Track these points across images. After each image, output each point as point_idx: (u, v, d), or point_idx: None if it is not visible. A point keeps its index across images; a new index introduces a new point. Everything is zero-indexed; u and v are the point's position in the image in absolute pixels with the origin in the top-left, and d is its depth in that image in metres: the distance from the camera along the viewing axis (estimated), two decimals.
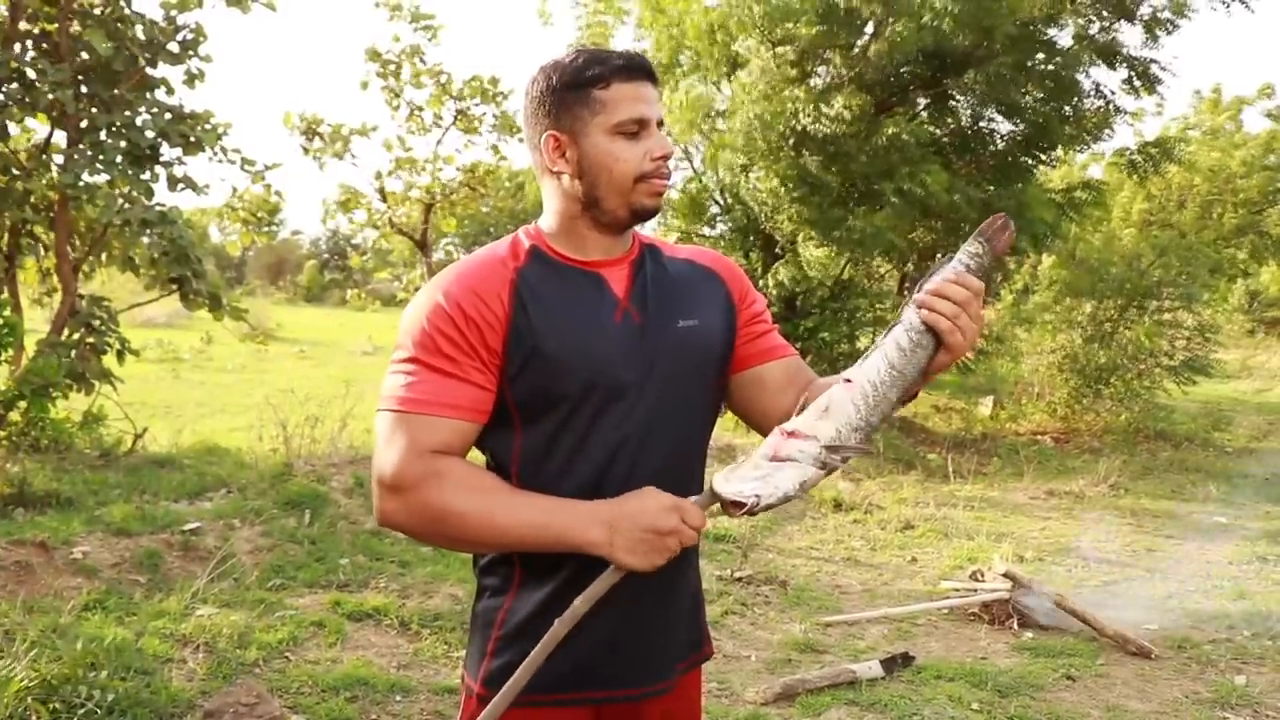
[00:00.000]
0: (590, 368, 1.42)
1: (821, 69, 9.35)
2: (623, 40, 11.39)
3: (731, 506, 1.33)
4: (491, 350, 1.40)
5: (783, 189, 8.90)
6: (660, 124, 1.46)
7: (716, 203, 10.43)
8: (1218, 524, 7.40)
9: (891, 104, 9.65)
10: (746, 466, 1.36)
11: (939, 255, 1.45)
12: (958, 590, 5.22)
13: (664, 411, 1.47)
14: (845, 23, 8.73)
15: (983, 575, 5.19)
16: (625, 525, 1.35)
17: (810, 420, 1.36)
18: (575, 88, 1.43)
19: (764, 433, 1.58)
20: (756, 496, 1.32)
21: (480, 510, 1.37)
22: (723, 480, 1.34)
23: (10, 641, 3.40)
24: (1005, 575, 5.03)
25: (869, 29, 8.99)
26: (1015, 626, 4.81)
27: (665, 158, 1.45)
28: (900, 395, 1.37)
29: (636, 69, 1.44)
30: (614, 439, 1.43)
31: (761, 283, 9.94)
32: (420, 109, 11.94)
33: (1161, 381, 11.50)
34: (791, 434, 1.35)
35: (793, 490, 1.33)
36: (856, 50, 9.00)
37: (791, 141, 8.88)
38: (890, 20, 8.53)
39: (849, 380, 1.37)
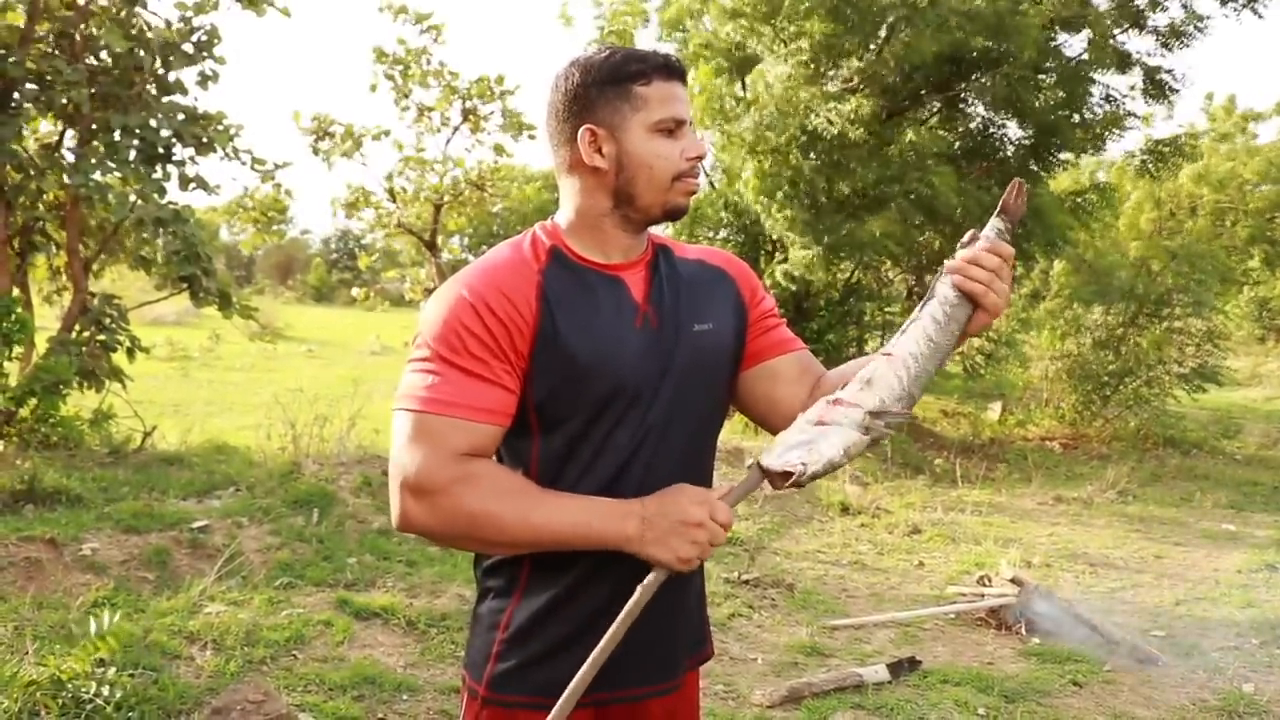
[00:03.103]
0: (615, 375, 1.41)
1: (834, 72, 9.34)
2: (643, 42, 11.41)
3: (779, 478, 1.34)
4: (519, 354, 1.38)
5: (776, 192, 8.87)
6: (690, 125, 1.47)
7: (727, 205, 10.40)
8: (1226, 532, 7.37)
9: (904, 108, 9.64)
10: (790, 433, 1.38)
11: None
12: (965, 595, 5.21)
13: (678, 414, 1.47)
14: (859, 27, 8.71)
15: (990, 580, 5.18)
16: (656, 519, 1.35)
17: (854, 391, 1.39)
18: (616, 82, 1.42)
19: (770, 427, 1.59)
20: (803, 465, 1.33)
21: (514, 513, 1.35)
22: (767, 454, 1.36)
23: (20, 637, 3.42)
24: (1012, 581, 5.02)
25: (883, 32, 8.96)
26: (1022, 632, 4.80)
27: (699, 158, 1.46)
28: (938, 365, 1.42)
29: (675, 69, 1.44)
30: (631, 443, 1.43)
31: (768, 283, 9.93)
32: (429, 109, 11.98)
33: (1171, 388, 11.46)
34: (836, 402, 1.38)
35: (837, 456, 1.35)
36: (871, 52, 8.98)
37: (802, 140, 8.86)
38: (906, 26, 8.50)
39: (889, 354, 1.41)
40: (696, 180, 1.47)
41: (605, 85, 1.42)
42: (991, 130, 9.95)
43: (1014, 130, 9.87)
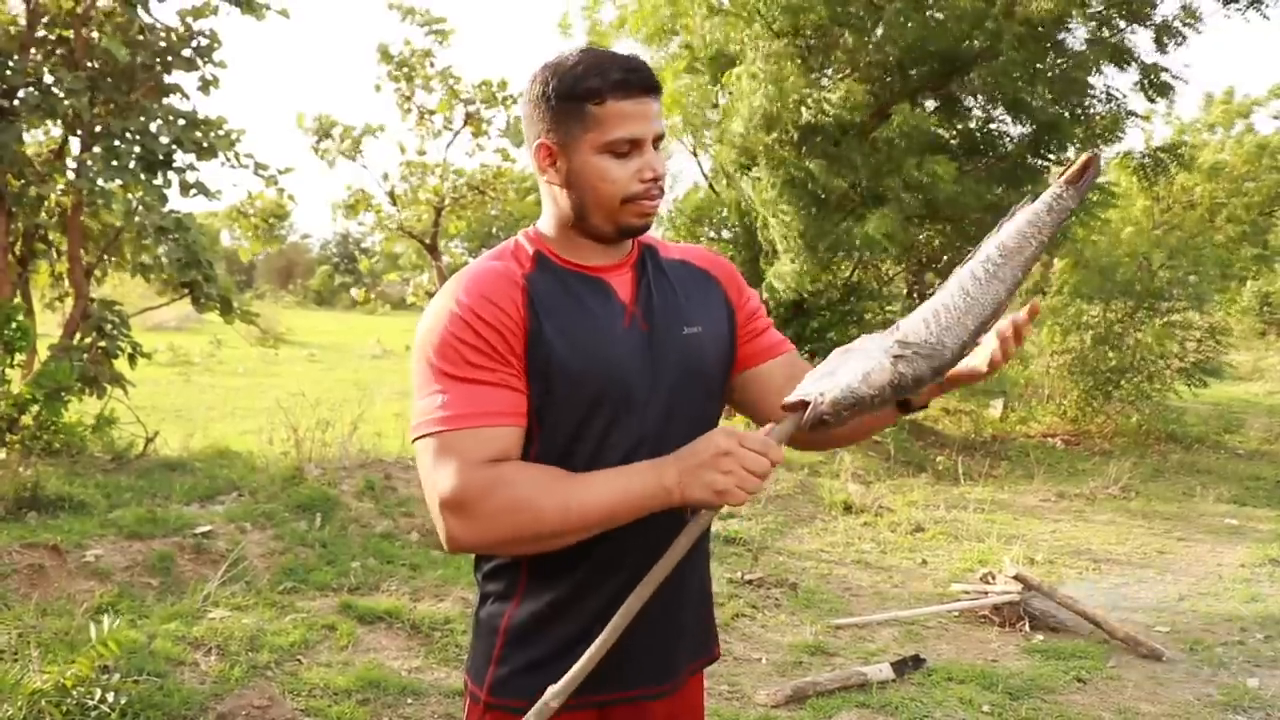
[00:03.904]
0: (604, 375, 1.41)
1: (828, 67, 9.35)
2: (622, 47, 11.32)
3: (798, 409, 1.30)
4: (516, 355, 1.38)
5: (778, 196, 8.85)
6: (658, 140, 1.42)
7: (725, 205, 10.39)
8: (1229, 526, 7.37)
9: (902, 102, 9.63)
10: (815, 369, 1.34)
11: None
12: (968, 593, 5.20)
13: (674, 417, 1.47)
14: (849, 18, 8.70)
15: (993, 578, 5.18)
16: (688, 461, 1.32)
17: (881, 333, 1.36)
18: (570, 99, 1.38)
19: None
20: (820, 394, 1.28)
21: (552, 501, 1.33)
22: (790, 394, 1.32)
23: (24, 644, 3.43)
24: (1016, 578, 5.02)
25: (880, 28, 8.96)
26: (1026, 629, 4.80)
27: (656, 179, 1.41)
28: (977, 325, 1.34)
29: (635, 84, 1.38)
30: (627, 446, 1.42)
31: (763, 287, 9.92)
32: (431, 112, 11.99)
33: (1172, 383, 11.45)
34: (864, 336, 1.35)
35: (856, 382, 1.28)
36: (863, 41, 8.98)
37: (795, 137, 8.84)
38: (889, 6, 8.49)
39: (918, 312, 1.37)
40: (653, 202, 1.43)
41: (562, 100, 1.39)
42: (991, 128, 9.94)
43: (1013, 128, 9.86)
